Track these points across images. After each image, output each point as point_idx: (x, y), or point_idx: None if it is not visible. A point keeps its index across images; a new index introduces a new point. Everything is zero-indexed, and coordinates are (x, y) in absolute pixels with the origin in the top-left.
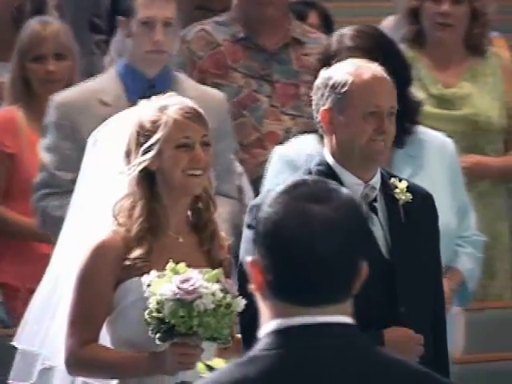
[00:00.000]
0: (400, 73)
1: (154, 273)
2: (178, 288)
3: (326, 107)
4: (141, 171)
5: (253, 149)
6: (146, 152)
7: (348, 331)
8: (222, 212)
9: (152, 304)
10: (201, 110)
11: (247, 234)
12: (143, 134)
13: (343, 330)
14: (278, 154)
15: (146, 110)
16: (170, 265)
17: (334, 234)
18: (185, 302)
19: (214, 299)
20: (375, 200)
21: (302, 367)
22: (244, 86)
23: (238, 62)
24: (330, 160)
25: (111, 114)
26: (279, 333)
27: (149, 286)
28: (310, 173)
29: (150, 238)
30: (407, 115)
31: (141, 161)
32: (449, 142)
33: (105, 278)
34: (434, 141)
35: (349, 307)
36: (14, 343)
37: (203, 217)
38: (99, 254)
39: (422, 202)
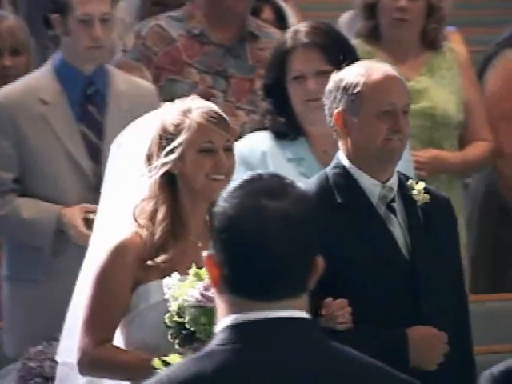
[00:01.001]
0: None
1: (175, 275)
2: (202, 295)
3: (339, 109)
4: (163, 174)
5: None
6: (167, 154)
7: (304, 326)
8: None
9: (173, 308)
10: (224, 115)
11: None
12: (166, 137)
13: (299, 325)
14: None
15: (169, 112)
16: (193, 269)
17: (289, 228)
18: (207, 310)
19: None
20: (393, 201)
21: (258, 362)
22: (199, 82)
23: (193, 58)
24: (346, 162)
25: (51, 111)
26: (235, 328)
27: (169, 288)
28: (326, 176)
29: (172, 242)
30: None
31: (163, 163)
32: None
33: (122, 278)
34: None
35: (305, 302)
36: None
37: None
38: (118, 254)
39: (440, 204)
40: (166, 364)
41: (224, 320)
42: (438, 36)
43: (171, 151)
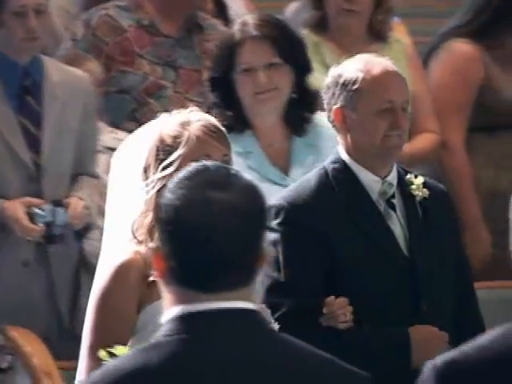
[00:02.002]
0: (301, 62)
1: None
2: None
3: (337, 106)
4: (160, 188)
5: None
6: (165, 168)
7: (250, 316)
8: (90, 193)
9: None
10: (223, 129)
11: None
12: (163, 148)
13: (245, 316)
14: None
15: (168, 124)
16: None
17: (235, 219)
18: None
19: None
20: (393, 197)
21: (205, 353)
22: (149, 73)
23: (144, 49)
24: (346, 157)
25: None
26: (182, 319)
27: None
28: (325, 171)
29: None
30: (306, 103)
31: (160, 177)
32: None
33: (126, 299)
34: (331, 127)
35: (252, 293)
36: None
37: None
38: (120, 275)
39: (438, 197)
40: (113, 355)
41: (171, 311)
42: (385, 27)
43: (169, 165)
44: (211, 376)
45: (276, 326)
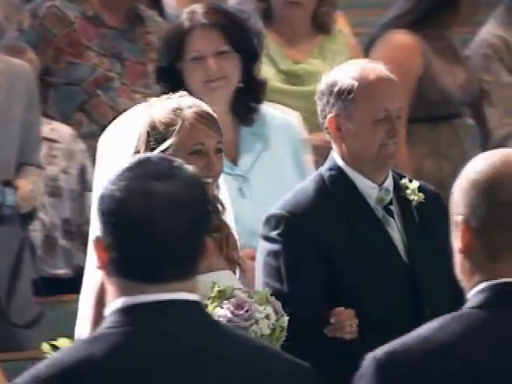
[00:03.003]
0: (250, 50)
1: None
2: (233, 314)
3: (332, 114)
4: None
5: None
6: None
7: (193, 308)
8: (36, 180)
9: None
10: (215, 115)
11: (264, 246)
12: (154, 135)
13: (188, 307)
14: None
15: (159, 110)
16: (216, 288)
17: (177, 211)
18: (241, 329)
19: (269, 323)
20: (390, 203)
21: (148, 345)
22: (98, 64)
23: (91, 41)
24: (341, 164)
25: None
26: (125, 311)
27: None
28: (322, 178)
29: None
30: (253, 93)
31: None
32: (293, 118)
33: None
34: (277, 118)
35: (194, 284)
36: None
37: (215, 220)
38: None
39: (433, 200)
40: (55, 348)
41: (114, 303)
42: (329, 19)
43: (161, 153)
44: (155, 367)
45: (286, 318)
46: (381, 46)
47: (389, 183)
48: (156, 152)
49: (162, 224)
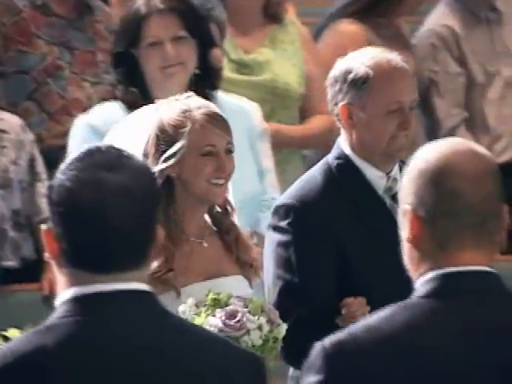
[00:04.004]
0: (205, 36)
1: (191, 301)
2: (224, 324)
3: (344, 102)
4: (163, 180)
5: (59, 116)
6: (167, 159)
7: (144, 298)
8: None
9: None
10: (224, 115)
11: (272, 236)
12: (163, 138)
13: (140, 297)
14: (83, 123)
15: (168, 111)
16: (211, 295)
17: (127, 200)
18: (232, 339)
19: (261, 334)
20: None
21: (99, 334)
22: (47, 53)
23: (40, 30)
24: (349, 153)
25: None
26: (76, 301)
27: (185, 314)
28: (329, 167)
29: (170, 246)
30: (209, 80)
31: (162, 168)
32: (249, 107)
33: None
34: (233, 104)
35: (145, 274)
36: None
37: (224, 222)
38: None
39: None
40: (6, 339)
41: (65, 293)
42: (280, 9)
43: (171, 156)
44: (107, 357)
45: (284, 327)
46: (327, 35)
47: (396, 172)
48: (167, 154)
49: (112, 214)
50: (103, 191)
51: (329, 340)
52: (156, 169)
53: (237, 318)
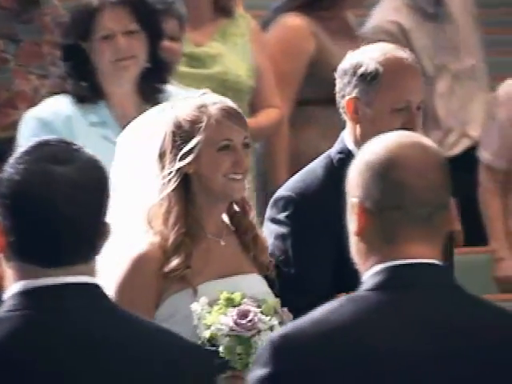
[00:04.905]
0: (156, 30)
1: (203, 300)
2: (236, 323)
3: (352, 96)
4: (181, 178)
5: (5, 109)
6: (184, 156)
7: (93, 291)
8: None
9: (205, 336)
10: (240, 110)
11: (272, 228)
12: (180, 134)
13: (89, 290)
14: (32, 117)
15: (183, 107)
16: (224, 294)
17: (77, 194)
18: (243, 339)
19: None
20: None
21: (49, 328)
22: None
23: None
24: (352, 147)
25: None
26: (24, 294)
27: (198, 313)
28: (331, 161)
29: (189, 244)
30: (159, 73)
31: (179, 167)
32: None
33: (143, 294)
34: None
35: (94, 268)
36: None
37: (242, 221)
38: (136, 269)
39: None
40: None
41: (13, 287)
42: (230, 3)
43: (188, 152)
44: (56, 351)
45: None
46: (273, 29)
47: None
48: (184, 151)
49: (61, 207)
50: (52, 184)
51: (277, 333)
52: (173, 167)
53: (248, 318)
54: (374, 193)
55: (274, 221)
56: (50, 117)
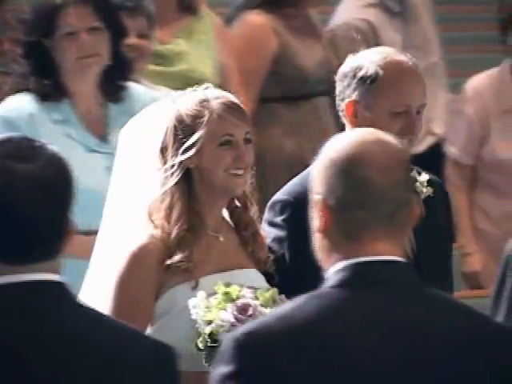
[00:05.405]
0: (118, 28)
1: (201, 294)
2: (236, 319)
3: (351, 99)
4: (183, 173)
5: None
6: (186, 151)
7: (56, 288)
8: None
9: (206, 332)
10: (242, 104)
11: (269, 231)
12: (182, 129)
13: (51, 287)
14: None
15: (185, 102)
16: (222, 288)
17: (38, 191)
18: None
19: None
20: None
21: (11, 325)
22: None
23: None
24: None
25: None
26: None
27: (195, 308)
28: None
29: (191, 239)
30: (120, 71)
31: (181, 161)
32: (162, 97)
33: (144, 286)
34: (145, 95)
35: (57, 265)
36: None
37: (243, 217)
38: (137, 261)
39: (441, 196)
40: None
41: None
42: (195, 1)
43: (190, 147)
44: (18, 348)
45: None
46: (236, 26)
47: None
48: (186, 146)
49: (22, 204)
50: (14, 181)
51: (241, 330)
52: (175, 161)
53: (249, 312)
54: (336, 190)
55: (271, 224)
56: (12, 114)
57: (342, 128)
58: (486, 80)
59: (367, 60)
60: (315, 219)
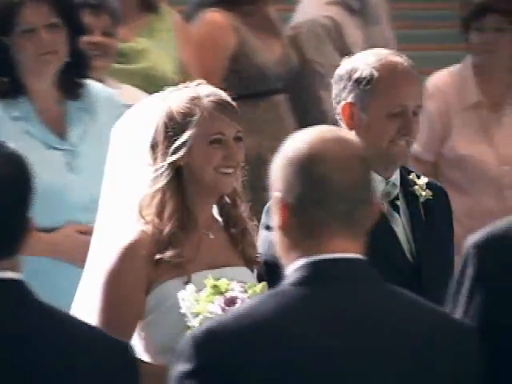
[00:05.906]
0: (76, 24)
1: (191, 287)
2: (224, 311)
3: (347, 101)
4: (174, 172)
5: None
6: (176, 150)
7: (17, 286)
8: None
9: (194, 325)
10: (233, 102)
11: (266, 235)
12: (172, 126)
13: (12, 286)
14: None
15: (176, 99)
16: (211, 281)
17: None
18: None
19: None
20: (397, 198)
21: None
22: None
23: None
24: None
25: None
26: None
27: (185, 300)
28: None
29: (182, 236)
30: (79, 68)
31: (172, 160)
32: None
33: (134, 281)
34: (104, 92)
35: (17, 262)
36: None
37: (232, 214)
38: (127, 256)
39: (440, 199)
40: None
41: None
42: None
43: (180, 146)
44: None
45: None
46: (195, 24)
47: (396, 177)
48: (177, 144)
49: None
50: None
51: (199, 329)
52: (167, 160)
53: (237, 305)
54: (295, 187)
55: (269, 227)
56: None
57: (300, 125)
58: (448, 77)
59: (362, 62)
60: (275, 216)
